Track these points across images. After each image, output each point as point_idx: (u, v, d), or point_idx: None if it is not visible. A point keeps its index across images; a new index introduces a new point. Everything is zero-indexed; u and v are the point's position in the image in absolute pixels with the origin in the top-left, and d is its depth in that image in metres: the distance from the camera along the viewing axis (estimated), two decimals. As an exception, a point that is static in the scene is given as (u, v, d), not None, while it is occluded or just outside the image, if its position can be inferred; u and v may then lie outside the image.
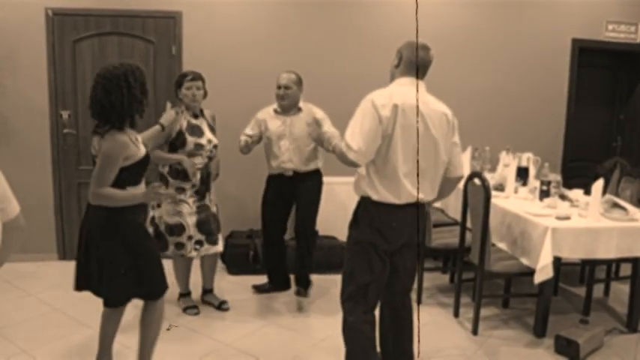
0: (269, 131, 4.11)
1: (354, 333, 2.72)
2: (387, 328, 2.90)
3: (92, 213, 2.71)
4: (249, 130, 4.17)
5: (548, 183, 4.07)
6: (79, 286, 2.82)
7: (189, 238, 3.81)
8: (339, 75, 5.10)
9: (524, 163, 4.65)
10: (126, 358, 3.21)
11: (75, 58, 4.83)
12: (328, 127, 4.01)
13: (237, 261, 4.83)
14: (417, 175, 2.55)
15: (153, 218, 3.82)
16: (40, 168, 4.92)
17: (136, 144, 2.74)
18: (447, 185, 2.80)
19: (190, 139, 3.76)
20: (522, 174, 4.50)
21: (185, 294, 4.10)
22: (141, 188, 2.79)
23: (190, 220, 3.81)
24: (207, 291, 4.19)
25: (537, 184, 4.22)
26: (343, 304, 2.76)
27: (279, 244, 4.35)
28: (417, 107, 2.51)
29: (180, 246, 3.82)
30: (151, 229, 3.72)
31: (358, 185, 2.67)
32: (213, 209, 3.96)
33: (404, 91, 2.56)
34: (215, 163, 3.99)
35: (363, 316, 2.71)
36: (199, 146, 3.79)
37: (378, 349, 2.90)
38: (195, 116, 3.87)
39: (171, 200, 3.74)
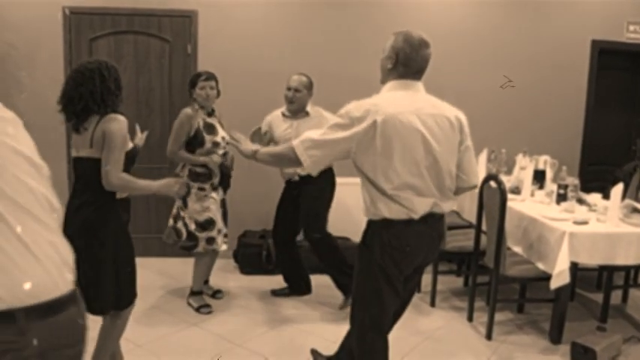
0: (275, 135, 4.10)
1: (367, 357, 2.50)
2: None
3: (75, 215, 2.58)
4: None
5: (566, 187, 4.01)
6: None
7: (219, 231, 3.95)
8: (354, 75, 5.05)
9: (541, 166, 4.58)
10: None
11: (91, 56, 4.84)
12: None
13: (249, 261, 4.82)
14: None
15: (183, 219, 3.89)
16: (55, 165, 4.93)
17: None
18: (458, 194, 2.58)
19: (208, 138, 3.84)
20: (539, 177, 4.43)
21: (199, 292, 4.12)
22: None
23: (218, 214, 3.94)
24: (204, 282, 4.29)
25: (554, 187, 4.15)
26: (354, 330, 2.53)
27: (289, 248, 4.32)
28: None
29: (211, 240, 3.92)
30: (184, 231, 3.86)
31: (365, 206, 2.38)
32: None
33: (398, 98, 2.28)
34: (230, 159, 4.06)
35: (374, 343, 2.47)
36: (216, 144, 3.88)
37: None
38: (209, 115, 3.92)
39: (196, 199, 3.84)
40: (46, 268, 1.28)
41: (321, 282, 4.47)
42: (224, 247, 4.00)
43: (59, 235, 1.37)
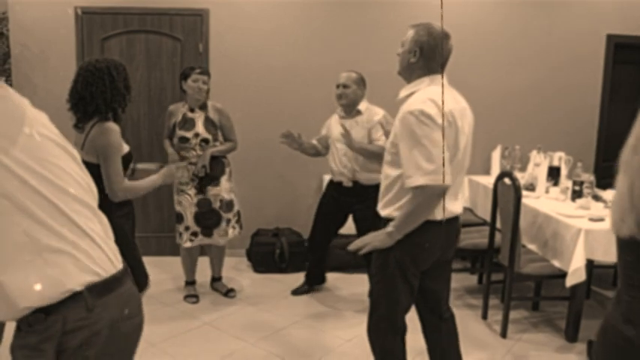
0: (332, 137, 3.99)
1: (385, 355, 2.50)
2: (433, 344, 2.67)
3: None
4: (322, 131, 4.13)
5: (581, 183, 3.96)
6: None
7: (187, 228, 3.98)
8: (367, 72, 5.03)
9: (555, 163, 4.53)
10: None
11: (103, 55, 4.86)
12: (379, 136, 3.78)
13: (263, 259, 4.82)
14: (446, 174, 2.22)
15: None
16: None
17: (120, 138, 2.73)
18: None
19: (178, 132, 3.90)
20: (554, 174, 4.39)
21: (189, 282, 4.23)
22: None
23: (189, 212, 3.95)
24: (216, 279, 4.37)
25: (569, 184, 4.11)
26: (372, 326, 2.49)
27: (322, 249, 4.27)
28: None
29: (179, 234, 4.02)
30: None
31: (386, 205, 2.34)
32: (217, 205, 3.99)
33: (438, 93, 2.18)
34: (203, 156, 3.88)
35: (392, 341, 2.46)
36: (184, 139, 3.89)
37: None
38: (192, 110, 3.94)
39: (176, 191, 3.95)
40: (102, 248, 1.38)
41: (336, 280, 4.47)
42: (188, 244, 3.99)
43: (102, 215, 1.46)
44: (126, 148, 2.75)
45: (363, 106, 3.88)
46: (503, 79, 5.27)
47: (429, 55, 2.26)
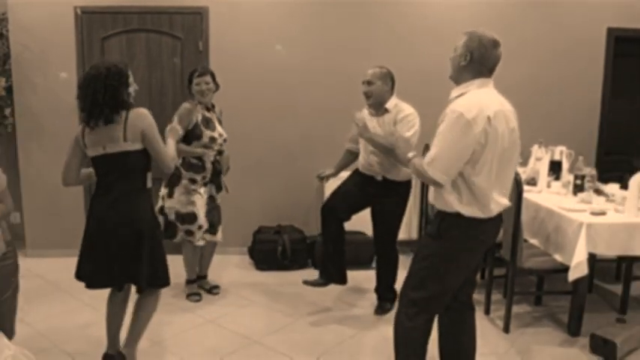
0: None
1: (410, 340, 2.60)
2: (446, 331, 2.77)
3: (138, 213, 2.81)
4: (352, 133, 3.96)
5: (583, 177, 3.95)
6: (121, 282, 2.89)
7: (200, 227, 3.99)
8: (365, 72, 5.04)
9: (557, 157, 4.53)
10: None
11: (103, 55, 4.87)
12: (401, 131, 3.58)
13: (265, 257, 4.83)
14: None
15: (162, 208, 3.99)
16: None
17: None
18: None
19: (206, 132, 3.90)
20: (555, 168, 4.38)
21: (192, 280, 4.24)
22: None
23: (202, 211, 3.98)
24: (201, 277, 4.36)
25: (571, 178, 4.10)
26: (405, 309, 2.59)
27: (337, 229, 3.86)
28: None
29: (189, 233, 3.99)
30: (161, 219, 3.90)
31: (442, 198, 2.45)
32: (218, 202, 4.15)
33: (486, 95, 2.42)
34: (225, 158, 4.12)
35: (424, 324, 2.57)
36: (213, 139, 3.93)
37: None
38: (207, 109, 3.98)
39: (184, 191, 3.93)
40: None
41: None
42: (201, 242, 4.04)
43: None
44: None
45: (391, 103, 3.69)
46: (503, 73, 5.18)
47: (480, 61, 2.45)
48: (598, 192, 3.92)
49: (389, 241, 3.90)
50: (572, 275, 3.28)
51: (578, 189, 3.94)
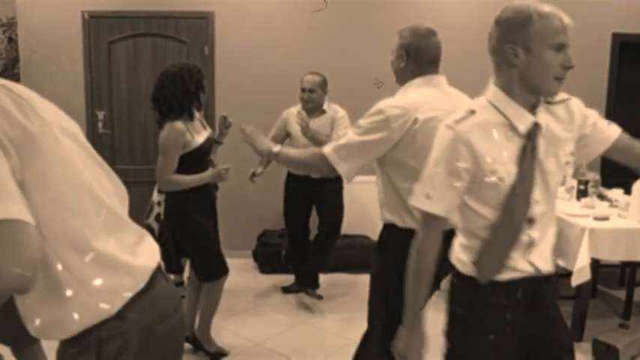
0: (292, 132, 4.09)
1: None
2: None
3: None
4: (271, 137, 4.03)
5: (586, 182, 3.96)
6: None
7: None
8: (371, 74, 5.05)
9: (561, 162, 4.52)
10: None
11: (110, 59, 4.93)
12: (342, 129, 3.82)
13: (269, 260, 4.85)
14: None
15: (158, 215, 3.93)
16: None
17: (192, 133, 2.99)
18: None
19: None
20: (559, 173, 4.37)
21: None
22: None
23: None
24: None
25: (574, 183, 4.10)
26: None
27: (304, 245, 4.30)
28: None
29: None
30: (156, 226, 3.83)
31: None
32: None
33: (424, 96, 2.14)
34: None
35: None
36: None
37: None
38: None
39: None
40: (137, 254, 1.32)
41: (342, 281, 4.48)
42: None
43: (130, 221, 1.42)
44: (199, 140, 3.04)
45: (325, 105, 4.06)
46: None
47: (415, 55, 2.22)
48: (601, 197, 3.92)
49: (340, 223, 4.12)
50: (575, 280, 3.28)
51: (581, 194, 3.94)
